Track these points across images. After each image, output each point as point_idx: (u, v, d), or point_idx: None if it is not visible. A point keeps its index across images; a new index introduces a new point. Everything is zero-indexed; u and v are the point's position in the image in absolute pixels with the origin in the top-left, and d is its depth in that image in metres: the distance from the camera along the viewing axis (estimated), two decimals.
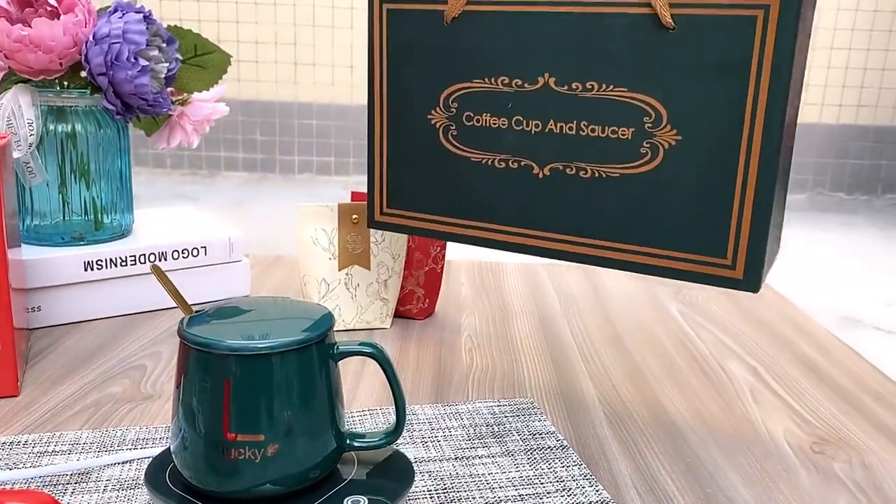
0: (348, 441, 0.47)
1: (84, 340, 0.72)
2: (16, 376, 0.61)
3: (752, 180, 0.51)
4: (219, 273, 0.83)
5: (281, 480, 0.43)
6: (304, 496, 0.45)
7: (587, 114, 0.55)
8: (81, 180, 0.78)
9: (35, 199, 0.78)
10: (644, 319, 0.84)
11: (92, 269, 0.76)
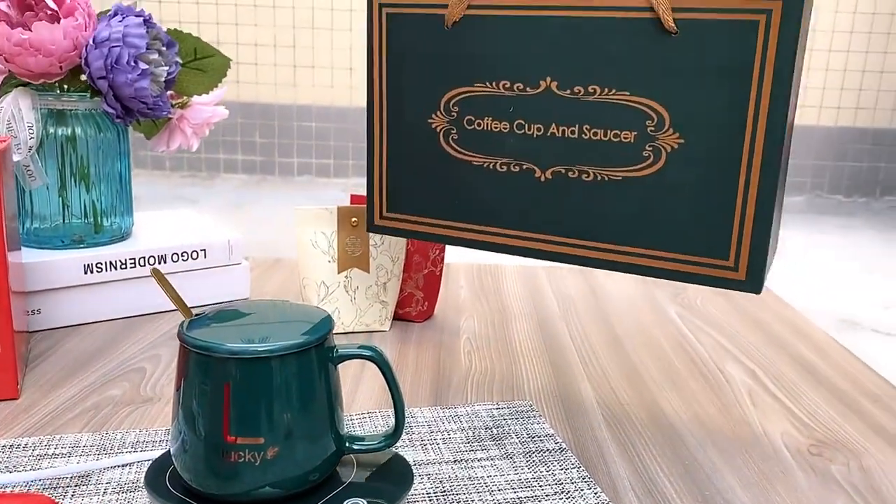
0: (347, 444, 0.47)
1: (84, 343, 0.73)
2: (16, 379, 0.61)
3: (754, 182, 0.51)
4: (218, 276, 0.83)
5: (280, 483, 0.44)
6: (304, 499, 0.45)
7: (589, 117, 0.55)
8: (81, 183, 0.78)
9: (35, 202, 0.78)
10: (642, 322, 0.84)
11: (91, 272, 0.76)
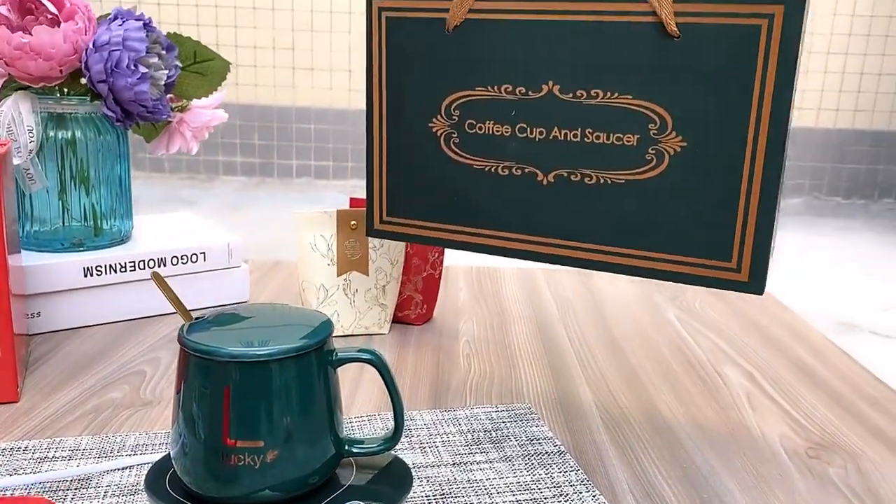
0: (347, 447, 0.48)
1: (83, 346, 0.73)
2: (16, 382, 0.61)
3: (757, 185, 0.51)
4: (218, 279, 0.84)
5: (280, 486, 0.44)
6: (304, 502, 0.45)
7: (592, 121, 0.55)
8: (81, 187, 0.78)
9: (35, 205, 0.78)
10: (641, 324, 0.84)
11: (91, 274, 0.76)
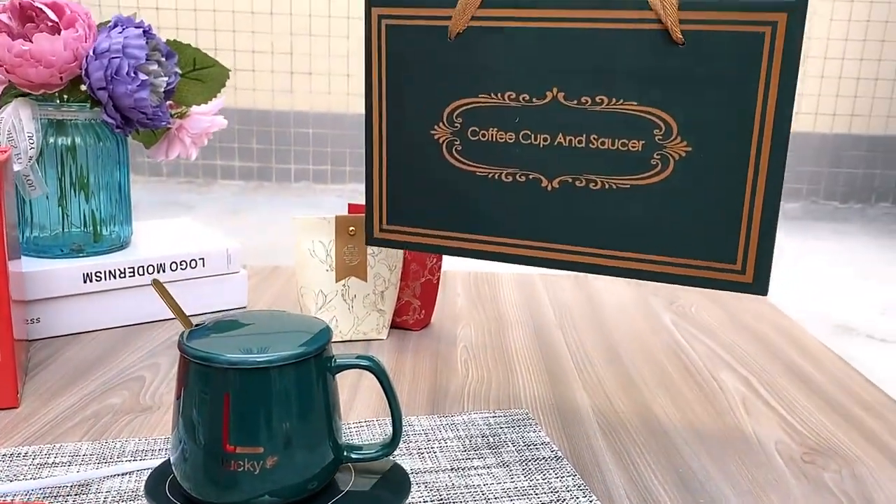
0: (346, 453, 0.48)
1: (83, 352, 0.73)
2: (15, 388, 0.61)
3: (761, 188, 0.52)
4: (216, 284, 0.84)
5: (279, 492, 0.44)
6: None
7: (597, 127, 0.56)
8: (81, 193, 0.79)
9: (35, 211, 0.79)
10: (637, 329, 0.85)
11: (91, 280, 0.76)
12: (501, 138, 0.58)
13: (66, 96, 0.78)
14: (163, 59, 0.77)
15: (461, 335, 0.81)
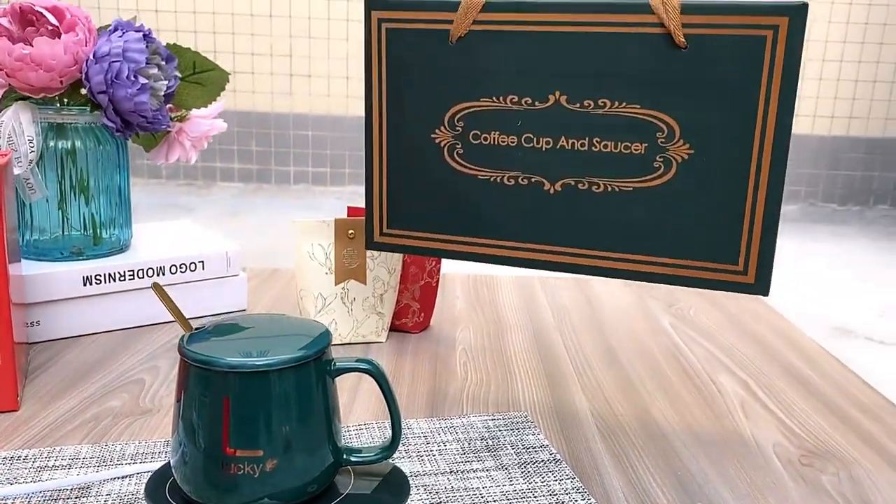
0: (345, 456, 0.48)
1: (83, 355, 0.73)
2: (16, 391, 0.61)
3: (763, 189, 0.53)
4: (216, 287, 0.84)
5: (279, 495, 0.44)
6: None
7: (599, 130, 0.56)
8: (81, 196, 0.79)
9: (35, 214, 0.79)
10: (636, 332, 0.85)
11: (91, 283, 0.77)
12: (503, 142, 0.58)
13: (66, 100, 0.78)
14: (163, 63, 0.77)
15: (460, 338, 0.81)
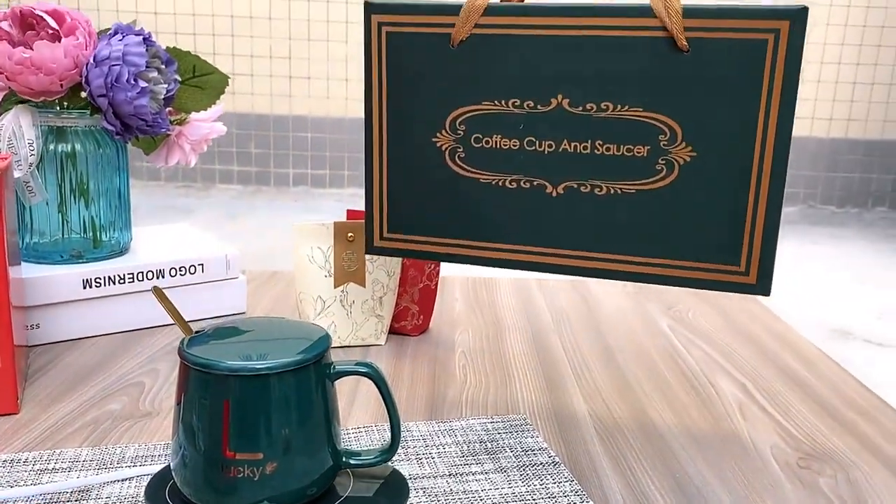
0: (344, 459, 0.48)
1: (83, 357, 0.73)
2: (15, 394, 0.61)
3: (764, 191, 0.53)
4: (216, 290, 0.84)
5: (279, 498, 0.44)
6: None
7: (602, 133, 0.56)
8: (81, 199, 0.79)
9: (35, 217, 0.79)
10: (634, 334, 0.85)
11: (90, 286, 0.77)
12: (505, 145, 0.59)
13: (66, 103, 0.78)
14: (162, 67, 0.77)
15: (459, 341, 0.82)
